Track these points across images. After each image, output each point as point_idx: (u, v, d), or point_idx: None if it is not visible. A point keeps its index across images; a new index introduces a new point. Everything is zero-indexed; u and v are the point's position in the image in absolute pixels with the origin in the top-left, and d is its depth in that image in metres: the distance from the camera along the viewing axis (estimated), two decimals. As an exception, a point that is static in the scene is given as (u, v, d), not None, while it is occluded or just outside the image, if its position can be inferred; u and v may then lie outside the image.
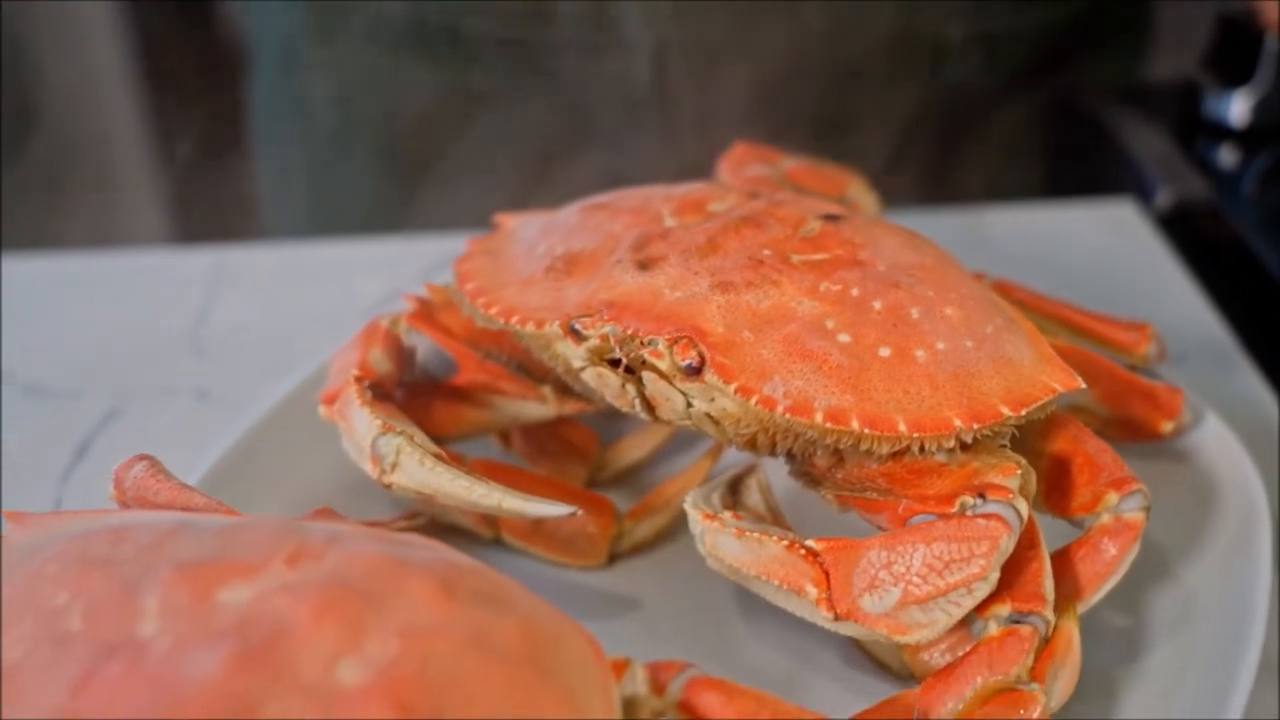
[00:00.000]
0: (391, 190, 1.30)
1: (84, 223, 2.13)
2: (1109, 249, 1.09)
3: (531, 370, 0.78)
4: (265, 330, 1.00)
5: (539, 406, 0.79)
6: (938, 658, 0.67)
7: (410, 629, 0.50)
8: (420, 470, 0.68)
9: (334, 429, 0.77)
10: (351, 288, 1.04)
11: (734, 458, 0.77)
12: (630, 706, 0.55)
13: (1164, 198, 1.12)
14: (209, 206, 2.27)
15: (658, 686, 0.56)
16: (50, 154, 2.12)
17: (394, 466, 0.68)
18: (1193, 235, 1.11)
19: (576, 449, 0.83)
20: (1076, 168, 1.26)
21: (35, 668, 0.49)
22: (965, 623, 0.65)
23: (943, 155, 1.26)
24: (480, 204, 1.20)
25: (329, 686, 0.47)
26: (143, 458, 0.66)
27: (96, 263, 1.10)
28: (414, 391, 0.78)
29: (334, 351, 0.83)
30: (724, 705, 0.56)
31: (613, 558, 0.77)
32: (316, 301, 1.03)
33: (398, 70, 1.22)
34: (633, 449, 0.83)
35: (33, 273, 1.08)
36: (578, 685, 0.51)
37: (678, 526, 0.79)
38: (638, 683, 0.56)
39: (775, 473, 0.75)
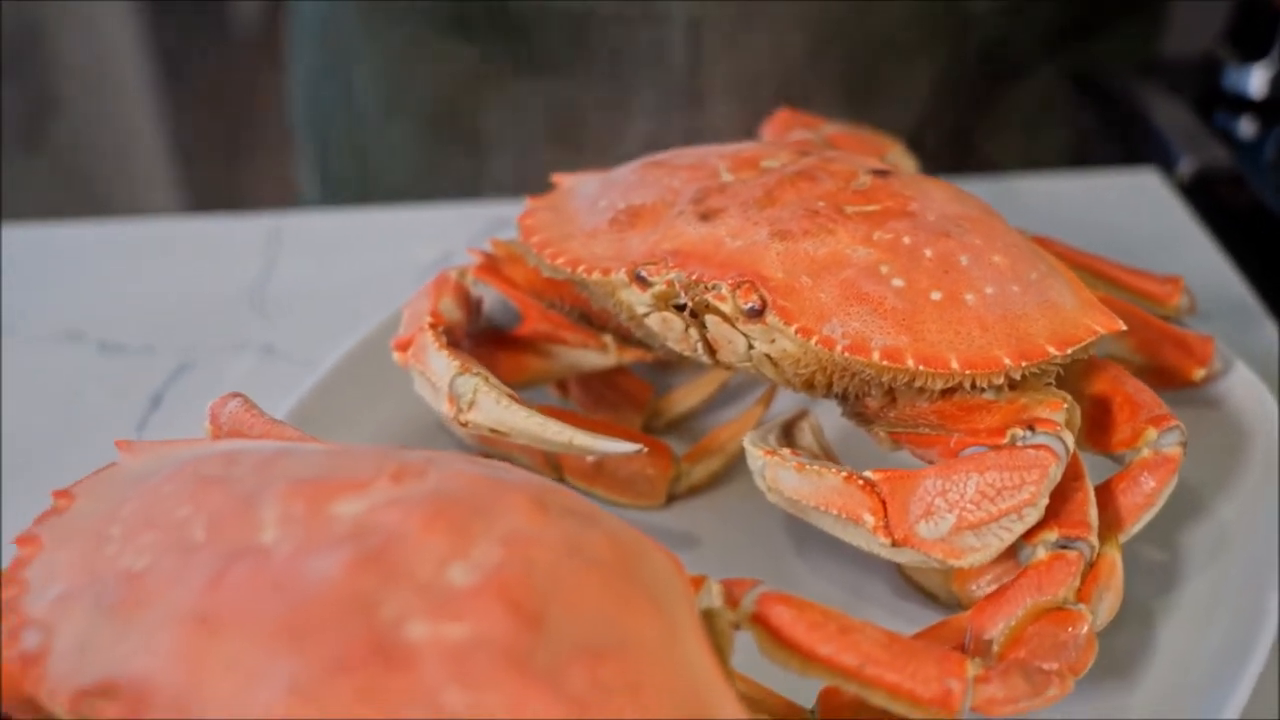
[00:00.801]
0: (432, 161, 1.34)
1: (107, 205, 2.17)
2: (1134, 215, 1.12)
3: (592, 319, 0.82)
4: (324, 291, 1.04)
5: (598, 355, 0.83)
6: (984, 588, 0.71)
7: (511, 537, 0.54)
8: (496, 408, 0.72)
9: (400, 379, 0.81)
10: (404, 251, 1.08)
11: (781, 407, 0.81)
12: (707, 618, 0.59)
13: (1186, 166, 1.15)
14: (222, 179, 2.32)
15: (732, 601, 0.60)
16: (70, 139, 2.15)
17: (471, 405, 0.72)
18: (1214, 202, 1.14)
19: (631, 398, 0.86)
20: (1100, 139, 1.30)
21: (164, 572, 0.53)
22: (1013, 551, 0.69)
23: (968, 126, 1.30)
24: (519, 173, 1.24)
25: (442, 586, 0.51)
26: (236, 395, 0.70)
27: (157, 228, 1.14)
28: (480, 341, 0.82)
29: (394, 308, 0.87)
30: (795, 618, 0.60)
31: (670, 498, 0.81)
32: (371, 265, 1.07)
33: (437, 43, 1.26)
34: (685, 398, 0.87)
35: (95, 238, 1.12)
36: (663, 594, 0.55)
37: (732, 469, 0.83)
38: (713, 596, 0.60)
39: (824, 417, 0.79)
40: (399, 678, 0.48)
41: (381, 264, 1.07)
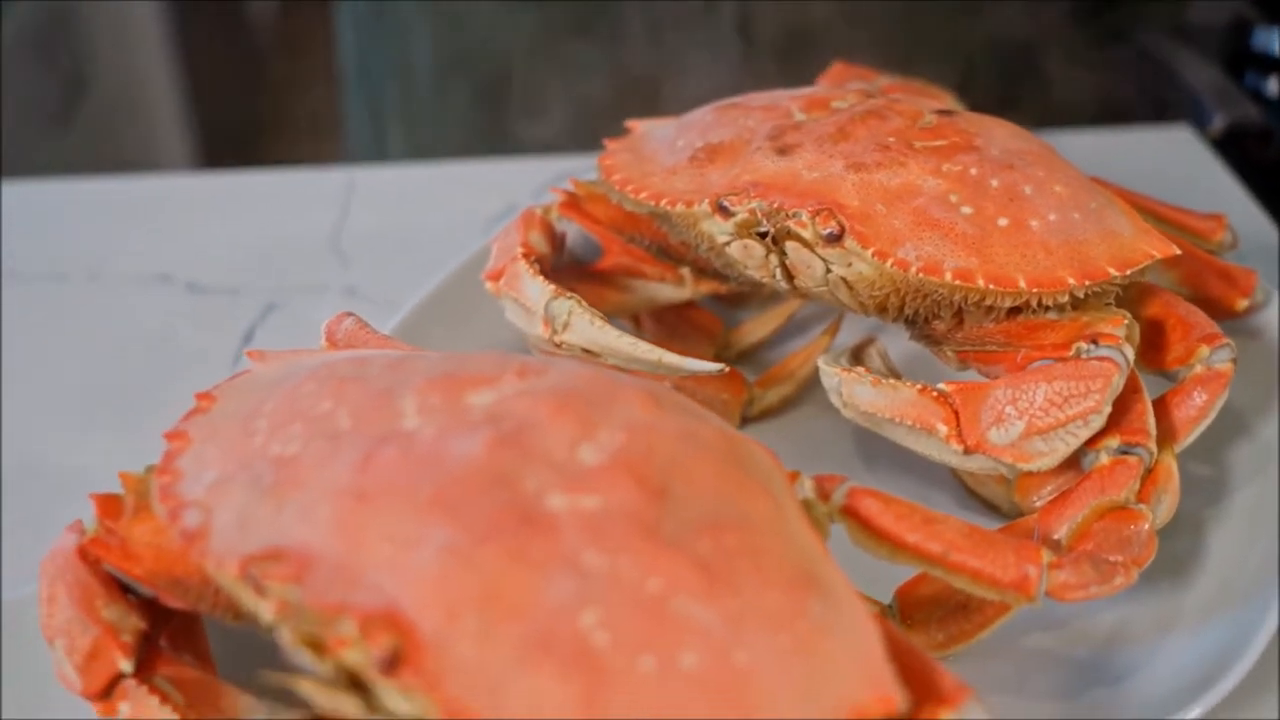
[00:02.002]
0: (486, 126, 1.38)
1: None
2: (1170, 169, 1.17)
3: (670, 253, 0.87)
4: (398, 239, 1.09)
5: (674, 288, 0.87)
6: (1045, 497, 0.75)
7: (631, 424, 0.58)
8: (590, 329, 0.76)
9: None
10: (471, 203, 1.13)
11: (846, 338, 0.86)
12: (805, 508, 0.64)
13: (1218, 122, 1.20)
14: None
15: (823, 494, 0.65)
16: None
17: (565, 326, 0.77)
18: (1245, 157, 1.19)
19: (703, 330, 0.91)
20: (1132, 99, 1.34)
21: (315, 456, 0.58)
22: (1072, 464, 0.73)
23: (1003, 87, 1.35)
24: (573, 137, 1.29)
25: (574, 465, 0.56)
26: (349, 314, 0.75)
27: (236, 181, 1.19)
28: (561, 275, 0.87)
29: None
30: (882, 509, 0.65)
31: (743, 421, 0.86)
32: (440, 215, 1.12)
33: (492, 6, 1.31)
34: (754, 331, 0.92)
35: (175, 189, 1.17)
36: (769, 481, 0.60)
37: (800, 395, 0.88)
38: (807, 489, 0.65)
39: (889, 344, 0.84)
40: (543, 542, 0.53)
41: (450, 215, 1.11)
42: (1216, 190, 1.14)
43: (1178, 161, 1.18)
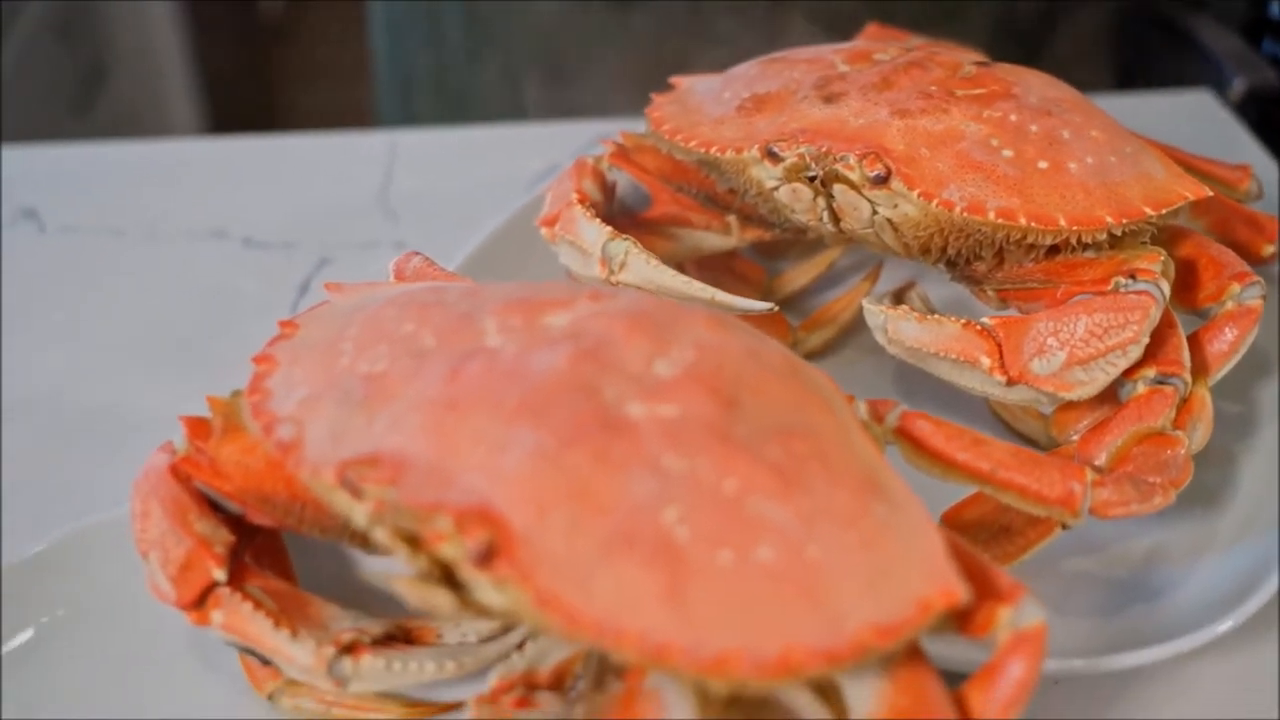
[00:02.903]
0: (520, 97, 1.42)
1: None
2: (1193, 131, 1.20)
3: (717, 201, 0.90)
4: (444, 198, 1.12)
5: (720, 237, 0.90)
6: (1082, 430, 0.79)
7: (700, 342, 0.62)
8: (646, 268, 0.80)
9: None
10: (511, 165, 1.16)
11: (884, 287, 0.89)
12: (861, 426, 0.67)
13: (1239, 86, 1.23)
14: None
15: (877, 417, 0.68)
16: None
17: (622, 266, 0.80)
18: (1266, 120, 1.22)
19: (746, 279, 0.94)
20: (1151, 66, 1.37)
21: (403, 371, 0.61)
22: (1107, 397, 0.77)
23: (1024, 55, 1.38)
24: (603, 105, 1.33)
25: (650, 377, 0.59)
26: (417, 253, 0.78)
27: (283, 143, 1.22)
28: (612, 224, 0.90)
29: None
30: (934, 430, 0.68)
31: (788, 364, 0.89)
32: (483, 175, 1.15)
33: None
34: (795, 278, 0.95)
35: (225, 151, 1.20)
36: (829, 399, 0.63)
37: (842, 339, 0.91)
38: (861, 412, 0.68)
39: (929, 292, 0.87)
40: (624, 445, 0.56)
41: (492, 175, 1.14)
42: (1238, 152, 1.17)
43: (1199, 125, 1.21)
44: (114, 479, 0.77)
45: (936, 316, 0.77)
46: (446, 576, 0.57)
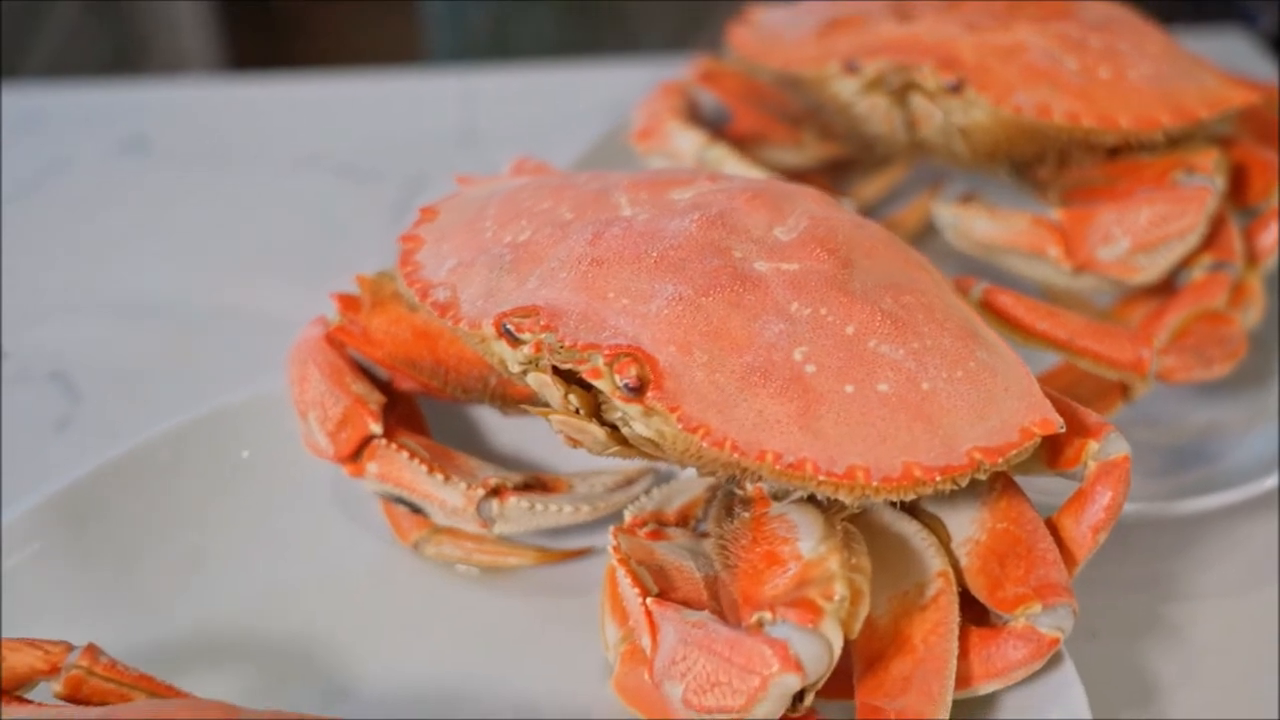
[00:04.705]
0: (567, 32, 1.49)
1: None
2: (1228, 67, 1.27)
3: (792, 120, 0.97)
4: (521, 129, 1.19)
5: (795, 152, 0.97)
6: (1135, 322, 0.86)
7: (813, 212, 0.68)
8: (739, 169, 0.86)
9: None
10: (582, 98, 1.22)
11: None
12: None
13: (1266, 22, 1.30)
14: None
15: (963, 290, 0.75)
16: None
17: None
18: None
19: (817, 194, 1.01)
20: (1178, 5, 1.44)
21: (546, 238, 0.68)
22: (1159, 292, 0.84)
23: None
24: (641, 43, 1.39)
25: (772, 239, 0.66)
26: (530, 157, 0.85)
27: (364, 79, 1.29)
28: (699, 137, 0.97)
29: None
30: (1015, 302, 0.74)
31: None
32: (556, 110, 1.21)
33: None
34: (862, 192, 1.02)
35: (316, 86, 1.27)
36: (927, 266, 0.70)
37: (910, 247, 0.98)
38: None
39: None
40: (756, 294, 0.63)
41: (566, 110, 1.21)
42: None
43: (1231, 61, 1.28)
44: (237, 368, 0.85)
45: (1005, 212, 0.84)
46: (595, 414, 0.64)
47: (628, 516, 0.68)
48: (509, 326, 0.64)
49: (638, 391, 0.61)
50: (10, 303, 0.97)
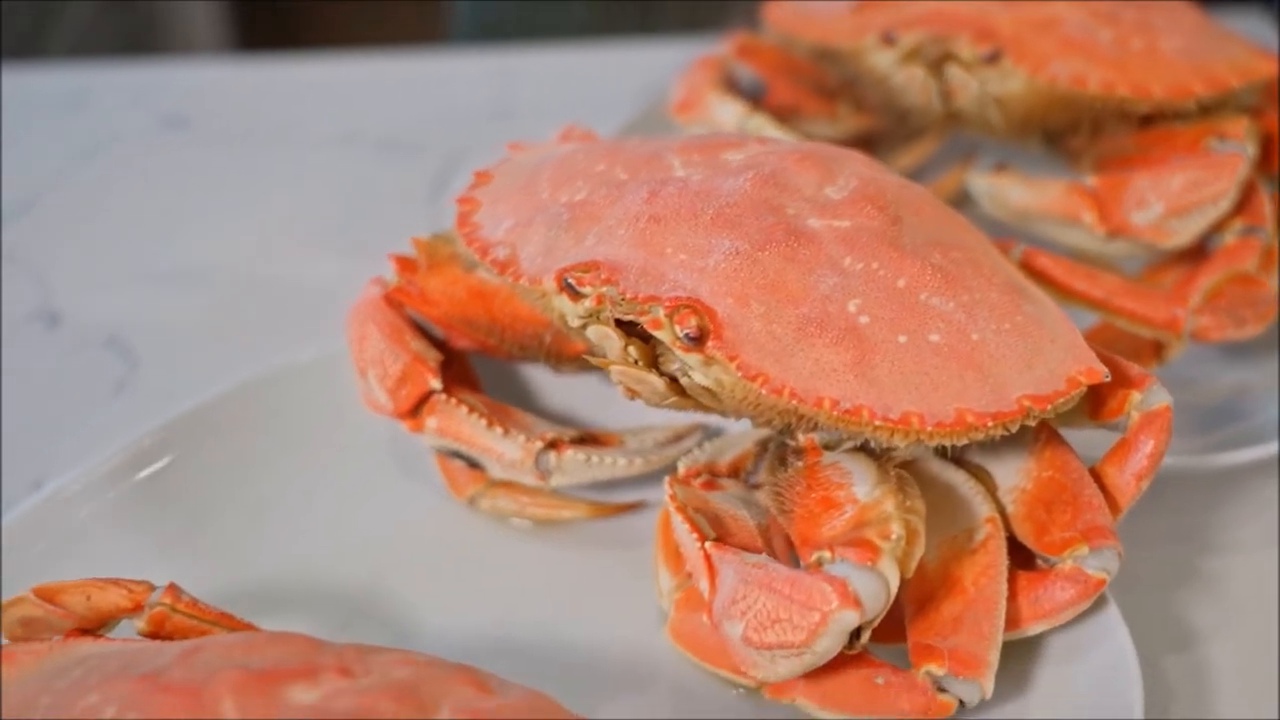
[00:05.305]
0: (594, 15, 1.51)
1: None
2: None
3: (828, 92, 0.99)
4: (555, 105, 1.21)
5: (829, 124, 0.99)
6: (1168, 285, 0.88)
7: (861, 173, 0.70)
8: (780, 138, 0.88)
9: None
10: (615, 77, 1.24)
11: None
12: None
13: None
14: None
15: (1003, 250, 0.77)
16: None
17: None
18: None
19: (851, 167, 1.03)
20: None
21: (603, 198, 0.70)
22: (1195, 255, 0.86)
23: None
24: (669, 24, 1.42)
25: (823, 198, 0.68)
26: (576, 125, 0.87)
27: (396, 65, 1.31)
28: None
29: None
30: (1054, 263, 0.77)
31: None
32: (591, 88, 1.23)
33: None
34: (895, 164, 1.04)
35: (348, 65, 1.29)
36: (970, 225, 0.72)
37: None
38: (990, 249, 0.77)
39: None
40: (810, 249, 0.65)
41: (600, 89, 1.23)
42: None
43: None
44: (287, 333, 0.87)
45: (1040, 180, 0.86)
46: (653, 366, 0.66)
47: (681, 469, 0.71)
48: (570, 281, 0.66)
49: (698, 341, 0.63)
50: (64, 273, 1.00)
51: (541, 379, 0.82)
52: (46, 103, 1.23)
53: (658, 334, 0.64)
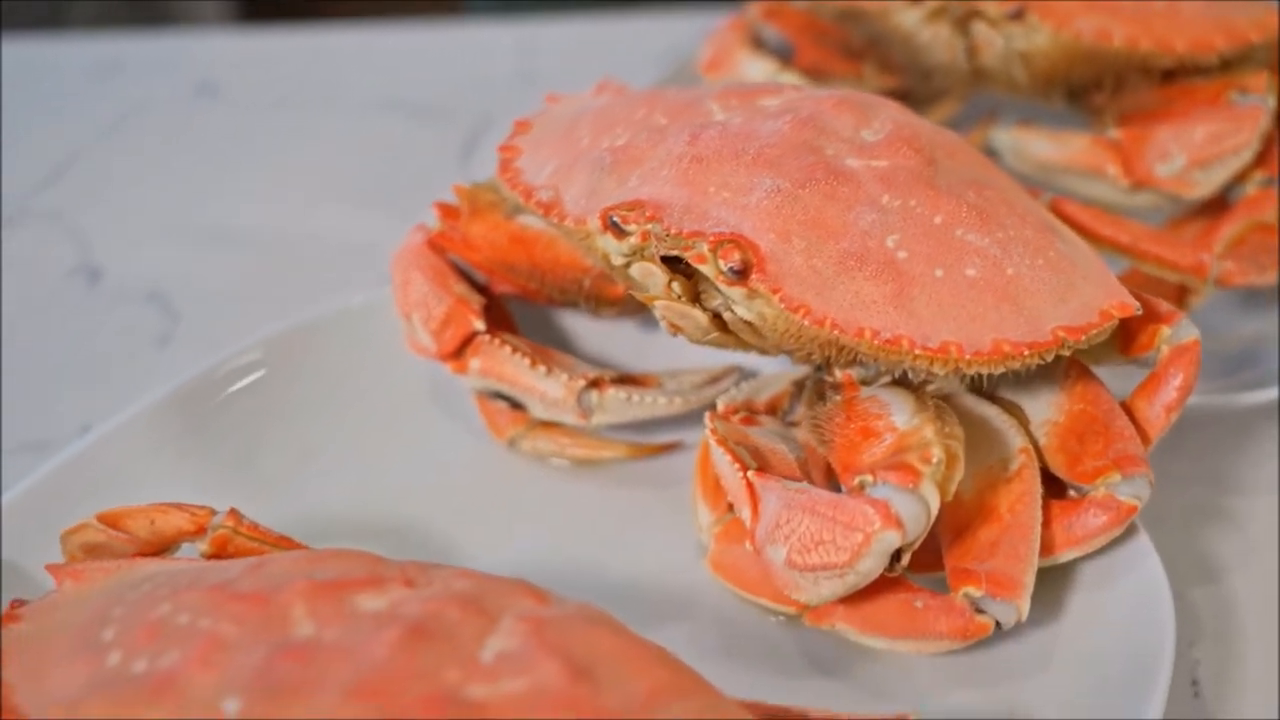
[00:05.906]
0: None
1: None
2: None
3: (854, 52, 1.01)
4: (580, 74, 1.22)
5: (855, 85, 1.01)
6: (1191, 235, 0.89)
7: (896, 118, 0.72)
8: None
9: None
10: (639, 45, 1.26)
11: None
12: (1018, 207, 0.78)
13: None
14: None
15: (1031, 196, 0.79)
16: None
17: (789, 95, 0.91)
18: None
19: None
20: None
21: (644, 141, 0.72)
22: (1217, 206, 0.88)
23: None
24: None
25: (859, 139, 0.70)
26: (610, 79, 0.89)
27: (419, 36, 1.33)
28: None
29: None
30: (1080, 210, 0.78)
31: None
32: (614, 57, 1.24)
33: None
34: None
35: (378, 34, 1.32)
36: (1002, 169, 0.74)
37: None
38: (1019, 196, 0.78)
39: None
40: (849, 187, 0.67)
41: (624, 57, 1.24)
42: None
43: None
44: (324, 287, 0.89)
45: (1063, 133, 0.88)
46: (696, 302, 0.68)
47: (720, 406, 0.72)
48: (615, 219, 0.68)
49: (741, 275, 0.65)
50: (103, 231, 1.02)
51: (578, 325, 0.83)
52: (77, 72, 1.25)
53: (702, 268, 0.66)
